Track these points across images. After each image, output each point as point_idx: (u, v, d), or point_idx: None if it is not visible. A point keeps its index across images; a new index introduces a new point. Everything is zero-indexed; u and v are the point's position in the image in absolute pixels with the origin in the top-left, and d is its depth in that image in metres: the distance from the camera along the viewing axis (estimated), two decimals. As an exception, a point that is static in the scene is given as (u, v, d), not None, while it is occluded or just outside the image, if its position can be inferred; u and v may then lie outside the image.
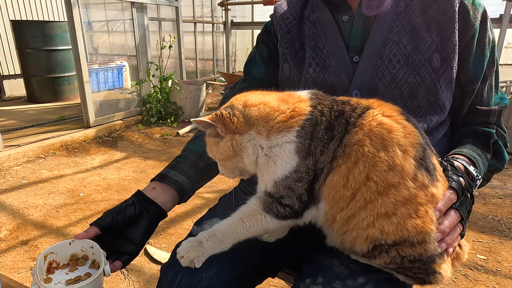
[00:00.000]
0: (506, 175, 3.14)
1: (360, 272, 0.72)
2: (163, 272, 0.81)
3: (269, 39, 1.02)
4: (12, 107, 5.26)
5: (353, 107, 0.69)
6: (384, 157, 0.63)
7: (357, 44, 0.86)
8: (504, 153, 0.88)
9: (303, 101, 0.71)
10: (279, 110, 0.71)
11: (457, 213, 0.67)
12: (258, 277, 0.86)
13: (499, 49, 4.28)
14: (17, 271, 1.86)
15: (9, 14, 6.01)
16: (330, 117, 0.68)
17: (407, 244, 0.64)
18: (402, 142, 0.64)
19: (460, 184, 0.70)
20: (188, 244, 0.74)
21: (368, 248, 0.67)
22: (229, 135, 0.72)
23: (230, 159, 0.73)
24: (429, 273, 0.68)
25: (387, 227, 0.64)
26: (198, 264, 0.73)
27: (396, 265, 0.67)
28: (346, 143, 0.65)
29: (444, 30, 0.80)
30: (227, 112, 0.72)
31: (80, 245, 0.78)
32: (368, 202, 0.64)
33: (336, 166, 0.65)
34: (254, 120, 0.70)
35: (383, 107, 0.69)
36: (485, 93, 0.87)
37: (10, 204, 2.56)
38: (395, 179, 0.63)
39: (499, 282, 1.81)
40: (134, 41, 4.74)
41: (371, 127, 0.65)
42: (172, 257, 0.82)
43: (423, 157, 0.65)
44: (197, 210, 2.52)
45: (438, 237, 0.64)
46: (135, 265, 1.92)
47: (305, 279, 0.74)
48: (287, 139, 0.68)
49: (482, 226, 2.33)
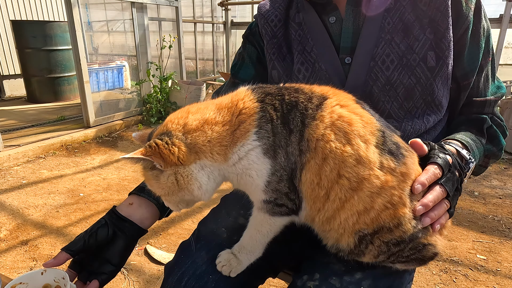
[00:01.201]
0: (506, 175, 3.14)
1: (357, 268, 0.72)
2: (168, 271, 0.80)
3: (255, 40, 0.97)
4: (12, 107, 5.26)
5: (308, 97, 0.65)
6: (351, 151, 0.61)
7: (348, 44, 0.83)
8: (500, 137, 0.85)
9: (247, 99, 0.65)
10: (225, 122, 0.64)
11: (442, 189, 0.65)
12: (261, 278, 0.86)
13: (499, 49, 4.28)
14: (17, 271, 1.86)
15: (9, 14, 6.01)
16: (283, 111, 0.63)
17: (385, 230, 0.64)
18: (363, 133, 0.63)
19: (446, 161, 0.67)
20: (228, 256, 0.75)
21: (355, 241, 0.66)
22: (170, 168, 0.64)
23: (175, 194, 0.67)
24: (420, 249, 0.67)
25: (367, 219, 0.64)
26: (233, 274, 0.74)
27: (385, 254, 0.66)
28: (308, 138, 0.62)
29: (437, 26, 0.76)
30: (163, 142, 0.64)
31: (53, 275, 0.73)
32: (345, 201, 0.63)
33: (305, 161, 0.62)
34: (200, 147, 0.63)
35: (338, 96, 0.67)
36: (481, 84, 0.84)
37: (10, 204, 2.56)
38: (365, 172, 0.61)
39: (499, 282, 1.81)
40: (134, 41, 4.74)
41: (332, 120, 0.62)
42: (177, 257, 0.82)
43: (383, 142, 0.64)
44: (197, 210, 2.52)
45: (421, 210, 0.63)
46: (135, 265, 1.92)
47: (302, 276, 0.74)
48: (249, 147, 0.63)
49: (482, 226, 2.33)
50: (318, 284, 0.70)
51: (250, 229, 0.74)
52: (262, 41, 0.95)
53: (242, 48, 1.02)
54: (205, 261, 0.78)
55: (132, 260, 1.96)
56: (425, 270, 1.90)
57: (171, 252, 2.04)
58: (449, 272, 1.89)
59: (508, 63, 4.92)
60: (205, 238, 0.85)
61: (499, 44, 4.28)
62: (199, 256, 0.79)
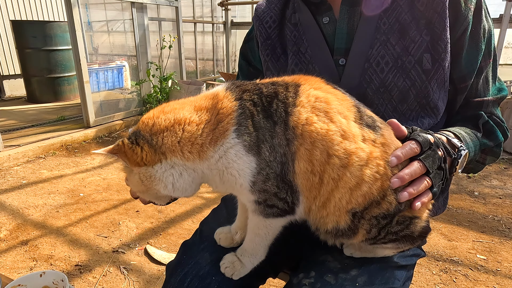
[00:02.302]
0: (506, 175, 3.14)
1: (353, 265, 0.72)
2: (170, 271, 0.80)
3: (249, 49, 0.99)
4: (12, 107, 5.26)
5: (285, 86, 0.65)
6: (335, 128, 0.61)
7: (342, 45, 0.81)
8: (497, 133, 0.82)
9: (224, 98, 0.64)
10: (201, 121, 0.63)
11: (420, 164, 0.63)
12: (262, 279, 0.86)
13: (499, 49, 4.28)
14: (17, 271, 1.86)
15: (9, 14, 6.01)
16: (263, 104, 0.62)
17: (374, 204, 0.64)
18: (341, 109, 0.63)
19: (427, 139, 0.65)
20: (232, 258, 0.76)
21: (350, 219, 0.66)
22: (135, 168, 0.65)
23: (146, 192, 0.68)
24: (407, 224, 0.67)
25: (359, 195, 0.63)
26: (235, 277, 0.74)
27: (376, 228, 0.66)
28: (293, 125, 0.61)
29: (434, 28, 0.74)
30: (129, 142, 0.64)
31: (52, 277, 0.73)
32: (338, 180, 0.62)
33: (295, 150, 0.61)
34: (168, 147, 0.63)
35: (309, 81, 0.67)
36: (480, 86, 0.82)
37: (10, 204, 2.56)
38: (351, 146, 0.61)
39: (499, 282, 1.81)
40: (134, 41, 4.74)
41: (311, 102, 0.63)
42: (180, 257, 0.82)
43: (360, 116, 0.65)
44: (197, 210, 2.52)
45: (395, 182, 0.61)
46: (135, 265, 1.92)
47: (298, 274, 0.75)
48: (228, 145, 0.61)
49: (482, 226, 2.33)
50: (314, 281, 0.70)
51: (249, 233, 0.74)
52: (257, 45, 0.95)
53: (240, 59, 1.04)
54: (209, 262, 0.78)
55: (132, 260, 1.96)
56: (425, 270, 1.90)
57: (171, 252, 2.04)
58: (449, 272, 1.89)
59: (508, 63, 4.92)
60: (208, 238, 0.85)
61: (499, 44, 4.28)
62: (203, 257, 0.79)
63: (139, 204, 2.58)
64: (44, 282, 0.73)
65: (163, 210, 2.50)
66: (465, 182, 3.01)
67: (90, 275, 1.83)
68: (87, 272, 1.86)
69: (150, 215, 2.44)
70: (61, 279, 0.72)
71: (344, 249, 0.76)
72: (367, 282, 0.69)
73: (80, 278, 1.81)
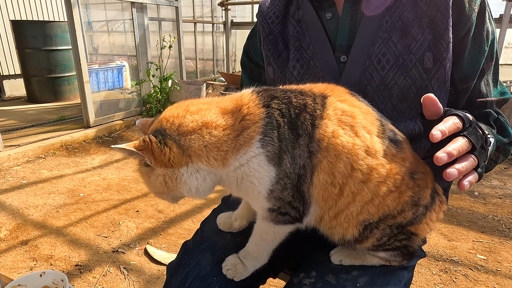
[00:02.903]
0: (506, 175, 3.14)
1: (354, 267, 0.72)
2: (171, 272, 0.80)
3: (252, 45, 1.00)
4: (12, 107, 5.26)
5: (313, 98, 0.64)
6: (360, 143, 0.61)
7: (344, 42, 0.81)
8: (509, 129, 0.79)
9: (251, 102, 0.63)
10: (227, 126, 0.61)
11: (466, 139, 0.57)
12: (262, 279, 0.86)
13: (499, 49, 4.28)
14: (17, 271, 1.86)
15: (9, 14, 6.00)
16: (290, 116, 0.61)
17: (390, 217, 0.65)
18: (365, 124, 0.63)
19: (467, 116, 0.60)
20: (235, 260, 0.75)
21: (359, 231, 0.66)
22: (160, 168, 0.62)
23: (166, 193, 0.66)
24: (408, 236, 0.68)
25: (372, 209, 0.64)
26: (237, 279, 0.74)
27: (387, 236, 0.67)
28: (319, 138, 0.60)
29: (436, 27, 0.74)
30: (157, 140, 0.61)
31: (52, 277, 0.73)
32: (356, 194, 0.63)
33: (317, 163, 0.61)
34: (195, 151, 0.61)
35: (335, 92, 0.67)
36: (482, 88, 0.81)
37: (10, 204, 2.56)
38: (373, 162, 0.62)
39: (499, 282, 1.81)
40: (134, 41, 4.74)
41: (338, 116, 0.62)
42: (181, 257, 0.82)
43: (383, 130, 0.65)
44: (197, 210, 2.52)
45: (443, 158, 0.54)
46: (135, 265, 1.92)
47: (299, 274, 0.75)
48: (251, 154, 0.60)
49: (482, 226, 2.33)
50: (314, 281, 0.70)
51: (255, 237, 0.74)
52: (260, 41, 0.95)
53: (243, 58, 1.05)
54: (210, 262, 0.78)
55: (132, 260, 1.96)
56: (425, 270, 1.90)
57: (171, 252, 2.04)
58: (449, 272, 1.89)
59: (508, 63, 4.92)
60: (210, 239, 0.85)
61: (499, 44, 4.28)
62: (204, 257, 0.79)
63: (139, 204, 2.58)
64: (44, 282, 0.73)
65: (163, 210, 2.50)
66: (465, 182, 3.01)
67: (90, 275, 1.83)
68: (87, 272, 1.86)
69: (150, 215, 2.44)
70: (61, 279, 0.72)
71: (332, 257, 0.76)
72: (368, 282, 0.69)
73: (80, 278, 1.81)
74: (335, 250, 0.76)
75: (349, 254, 0.74)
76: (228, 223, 0.86)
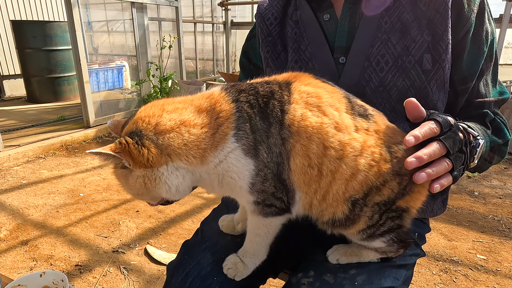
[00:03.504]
0: (506, 175, 3.14)
1: (352, 265, 0.72)
2: (171, 271, 0.80)
3: (251, 46, 0.99)
4: (12, 107, 5.26)
5: (279, 85, 0.65)
6: (328, 121, 0.62)
7: (343, 44, 0.81)
8: (505, 130, 0.79)
9: (221, 99, 0.64)
10: (204, 125, 0.62)
11: (439, 144, 0.59)
12: (262, 279, 0.86)
13: (499, 49, 4.28)
14: (17, 271, 1.86)
15: (9, 14, 6.01)
16: (259, 105, 0.62)
17: (374, 190, 0.64)
18: (332, 102, 0.64)
19: (447, 120, 0.61)
20: (235, 259, 0.76)
21: (348, 208, 0.65)
22: (138, 169, 0.62)
23: (145, 194, 0.66)
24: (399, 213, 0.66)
25: (356, 185, 0.63)
26: (238, 278, 0.74)
27: (378, 214, 0.66)
28: (289, 123, 0.61)
29: (435, 28, 0.73)
30: (133, 141, 0.61)
31: (52, 277, 0.73)
32: (335, 172, 0.63)
33: (291, 148, 0.61)
34: (174, 150, 0.61)
35: (299, 78, 0.68)
36: (481, 89, 0.80)
37: (10, 204, 2.56)
38: (345, 137, 0.62)
39: (499, 282, 1.81)
40: (134, 41, 4.75)
41: (303, 99, 0.63)
42: (181, 257, 0.82)
43: (352, 107, 0.66)
44: (197, 210, 2.52)
45: (413, 162, 0.56)
46: (135, 265, 1.92)
47: (297, 274, 0.75)
48: (228, 149, 0.61)
49: (482, 226, 2.33)
50: (312, 281, 0.70)
51: (250, 234, 0.74)
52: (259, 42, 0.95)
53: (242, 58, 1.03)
54: (210, 262, 0.78)
55: (132, 260, 1.96)
56: (425, 270, 1.90)
57: (171, 252, 2.04)
58: (449, 272, 1.89)
59: (508, 63, 4.92)
60: (210, 239, 0.85)
61: (499, 44, 4.28)
62: (204, 257, 0.79)
63: (139, 204, 2.58)
64: (44, 282, 0.73)
65: (163, 210, 2.50)
66: (465, 182, 3.01)
67: (90, 275, 1.83)
68: (87, 272, 1.86)
69: (150, 215, 2.44)
70: (61, 279, 0.72)
71: (329, 257, 0.75)
72: (366, 281, 0.69)
73: (80, 278, 1.81)
74: (332, 250, 0.76)
75: (345, 252, 0.74)
76: (231, 226, 0.86)
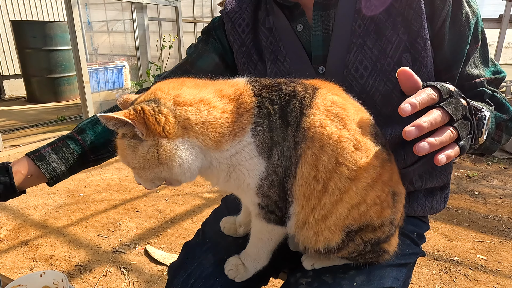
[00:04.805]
0: (506, 175, 3.14)
1: (351, 265, 0.72)
2: (173, 272, 0.80)
3: (219, 35, 0.90)
4: (12, 107, 5.26)
5: (304, 86, 0.62)
6: (348, 135, 0.58)
7: (320, 53, 0.78)
8: (507, 105, 0.73)
9: (245, 92, 0.61)
10: (223, 109, 0.59)
11: (440, 111, 0.51)
12: (264, 280, 0.86)
13: (499, 49, 4.28)
14: (17, 271, 1.86)
15: (9, 14, 6.01)
16: (281, 103, 0.59)
17: (369, 229, 0.63)
18: (357, 119, 0.60)
19: (446, 87, 0.54)
20: (236, 261, 0.75)
21: (342, 237, 0.63)
22: (152, 139, 0.57)
23: (151, 169, 0.59)
24: (379, 254, 0.68)
25: (356, 214, 0.61)
26: (238, 280, 0.74)
27: (357, 252, 0.66)
28: (305, 126, 0.58)
29: (411, 25, 0.70)
30: (150, 108, 0.56)
31: (52, 278, 0.72)
32: (344, 192, 0.59)
33: (301, 153, 0.58)
34: (191, 124, 0.57)
35: (328, 86, 0.64)
36: (471, 71, 0.74)
37: (10, 204, 2.56)
38: (363, 159, 0.58)
39: (499, 282, 1.81)
40: (134, 41, 4.75)
41: (327, 106, 0.59)
42: (182, 258, 0.82)
43: (376, 131, 0.62)
44: (197, 210, 2.52)
45: (412, 131, 0.48)
46: (135, 265, 1.92)
47: (296, 273, 0.75)
48: (244, 143, 0.59)
49: (482, 226, 2.33)
50: (311, 281, 0.70)
51: (253, 238, 0.74)
52: (226, 39, 0.89)
53: (205, 41, 0.92)
54: (212, 263, 0.78)
55: (132, 260, 1.96)
56: (425, 270, 1.90)
57: (171, 252, 2.04)
58: (449, 272, 1.89)
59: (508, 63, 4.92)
60: (211, 240, 0.85)
61: (499, 44, 4.28)
62: (206, 258, 0.79)
63: (139, 204, 2.58)
64: (44, 282, 0.73)
65: (163, 210, 2.50)
66: (465, 182, 3.01)
67: (90, 275, 1.83)
68: (87, 272, 1.86)
69: (150, 215, 2.44)
70: (61, 279, 0.72)
71: (304, 262, 0.75)
72: (366, 281, 0.69)
73: (80, 278, 1.81)
74: (305, 256, 0.75)
75: (320, 258, 0.73)
76: (233, 228, 0.86)
